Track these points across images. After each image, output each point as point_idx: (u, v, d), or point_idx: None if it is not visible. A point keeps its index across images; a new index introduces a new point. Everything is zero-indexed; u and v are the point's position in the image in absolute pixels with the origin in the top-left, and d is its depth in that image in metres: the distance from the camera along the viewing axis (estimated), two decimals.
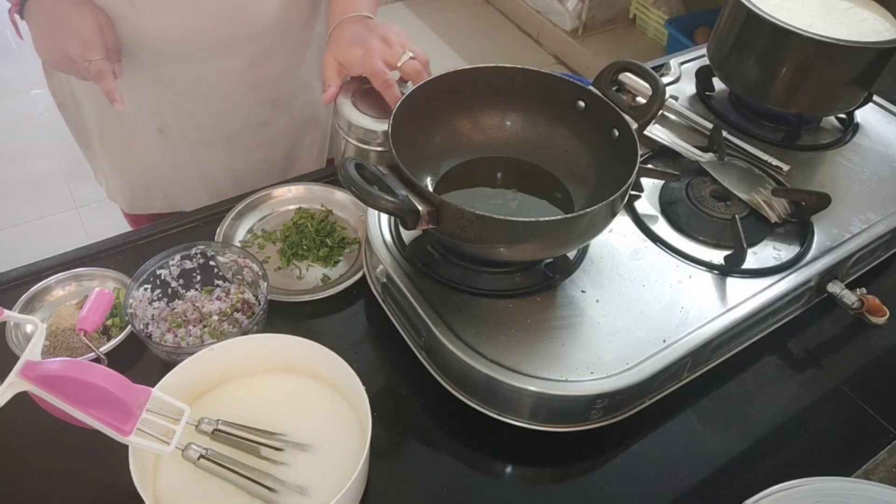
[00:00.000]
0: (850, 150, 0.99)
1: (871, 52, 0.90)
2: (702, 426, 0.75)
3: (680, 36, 2.61)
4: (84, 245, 0.87)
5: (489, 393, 0.69)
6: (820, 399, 0.78)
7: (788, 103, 0.97)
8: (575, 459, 0.73)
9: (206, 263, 0.81)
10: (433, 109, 0.79)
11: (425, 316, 0.70)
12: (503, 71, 0.80)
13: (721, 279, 0.78)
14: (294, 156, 1.13)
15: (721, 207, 0.85)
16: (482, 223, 0.64)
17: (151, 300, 0.78)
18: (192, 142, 1.03)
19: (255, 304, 0.80)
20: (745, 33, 0.96)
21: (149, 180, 1.07)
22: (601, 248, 0.79)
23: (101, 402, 0.56)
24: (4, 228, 2.21)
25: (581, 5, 2.95)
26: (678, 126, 0.99)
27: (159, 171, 1.06)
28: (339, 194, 0.94)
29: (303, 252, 0.87)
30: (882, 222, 0.86)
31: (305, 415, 0.68)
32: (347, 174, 0.62)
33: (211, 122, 1.01)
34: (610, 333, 0.71)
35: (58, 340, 0.76)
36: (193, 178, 1.07)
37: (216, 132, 1.02)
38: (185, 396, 0.65)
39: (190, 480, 0.62)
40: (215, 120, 1.01)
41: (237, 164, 1.07)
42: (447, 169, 0.82)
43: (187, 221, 0.91)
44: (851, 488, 0.65)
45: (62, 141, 2.49)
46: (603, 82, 0.78)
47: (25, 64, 2.82)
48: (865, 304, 0.82)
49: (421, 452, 0.72)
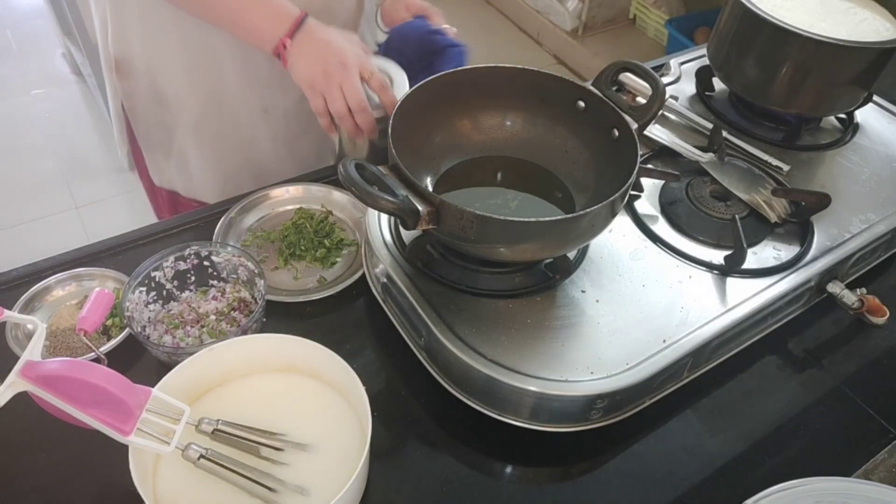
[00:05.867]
0: (850, 150, 0.99)
1: (871, 52, 0.90)
2: (702, 426, 0.75)
3: (680, 36, 2.61)
4: (84, 245, 0.87)
5: (489, 393, 0.69)
6: (820, 399, 0.78)
7: (788, 103, 0.97)
8: (575, 459, 0.73)
9: (201, 264, 0.81)
10: (433, 109, 0.79)
11: (425, 316, 0.70)
12: (503, 71, 0.80)
13: (721, 279, 0.78)
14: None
15: (721, 207, 0.85)
16: (482, 223, 0.64)
17: (147, 303, 0.78)
18: (291, 118, 1.05)
19: (252, 302, 0.80)
20: (745, 33, 0.96)
21: (240, 165, 1.09)
22: (601, 248, 0.79)
23: (101, 402, 0.56)
24: (4, 228, 2.21)
25: (581, 5, 2.95)
26: (678, 126, 0.99)
27: (257, 154, 1.08)
28: (337, 195, 0.94)
29: (300, 252, 0.87)
30: (882, 222, 0.86)
31: (305, 415, 0.68)
32: (347, 174, 0.62)
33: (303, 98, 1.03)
34: (610, 333, 0.71)
35: (58, 340, 0.76)
36: (283, 156, 1.09)
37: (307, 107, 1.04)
38: (185, 396, 0.65)
39: (190, 480, 0.62)
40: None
41: (320, 140, 1.09)
42: (447, 169, 0.82)
43: (186, 222, 0.91)
44: (851, 488, 0.65)
45: (62, 141, 2.50)
46: (603, 82, 0.78)
47: (25, 64, 2.83)
48: (865, 304, 0.82)
49: (421, 452, 0.72)
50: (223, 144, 1.07)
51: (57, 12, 2.51)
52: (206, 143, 1.07)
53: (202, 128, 1.05)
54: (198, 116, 1.03)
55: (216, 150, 1.07)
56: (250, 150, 1.08)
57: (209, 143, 1.07)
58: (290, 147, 1.10)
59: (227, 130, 1.05)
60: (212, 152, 1.08)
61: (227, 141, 1.06)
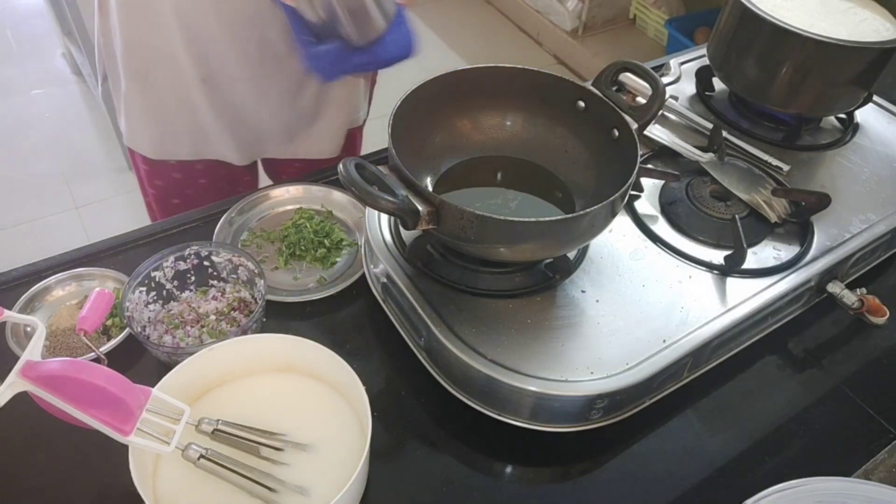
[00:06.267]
0: (850, 150, 0.99)
1: (871, 52, 0.90)
2: (702, 426, 0.75)
3: (680, 36, 2.61)
4: (84, 245, 0.87)
5: (489, 393, 0.69)
6: (820, 399, 0.78)
7: (788, 103, 0.97)
8: (575, 459, 0.73)
9: (201, 264, 0.81)
10: (433, 109, 0.79)
11: (425, 316, 0.70)
12: (503, 71, 0.80)
13: (721, 279, 0.78)
14: (319, 112, 1.13)
15: (721, 207, 0.85)
16: (482, 223, 0.64)
17: (147, 303, 0.78)
18: (232, 91, 1.03)
19: (252, 302, 0.80)
20: (745, 33, 0.96)
21: (179, 128, 1.07)
22: (601, 248, 0.79)
23: (101, 402, 0.56)
24: (4, 228, 2.21)
25: (581, 5, 2.95)
26: (678, 126, 0.99)
27: (197, 121, 1.06)
28: (337, 195, 0.94)
29: (300, 252, 0.87)
30: (882, 222, 0.86)
31: (305, 415, 0.68)
32: (348, 174, 0.62)
33: (244, 68, 1.00)
34: (610, 333, 0.71)
35: (58, 340, 0.76)
36: (222, 126, 1.07)
37: (249, 76, 1.02)
38: (185, 396, 0.65)
39: (190, 480, 0.62)
40: (247, 65, 1.00)
41: (264, 115, 1.07)
42: (447, 169, 0.82)
43: (186, 222, 0.91)
44: (851, 488, 0.65)
45: (62, 141, 2.50)
46: (603, 82, 0.78)
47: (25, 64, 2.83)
48: (865, 304, 0.82)
49: (421, 452, 0.72)
50: (164, 104, 1.05)
51: (57, 12, 2.51)
52: (148, 98, 1.05)
53: (144, 83, 1.03)
54: (143, 71, 1.02)
55: (156, 107, 1.05)
56: (190, 115, 1.05)
57: (150, 99, 1.05)
58: (230, 122, 1.06)
59: (166, 91, 1.03)
60: (152, 108, 1.06)
61: (168, 101, 1.04)
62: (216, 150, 1.09)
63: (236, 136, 1.08)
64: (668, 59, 1.13)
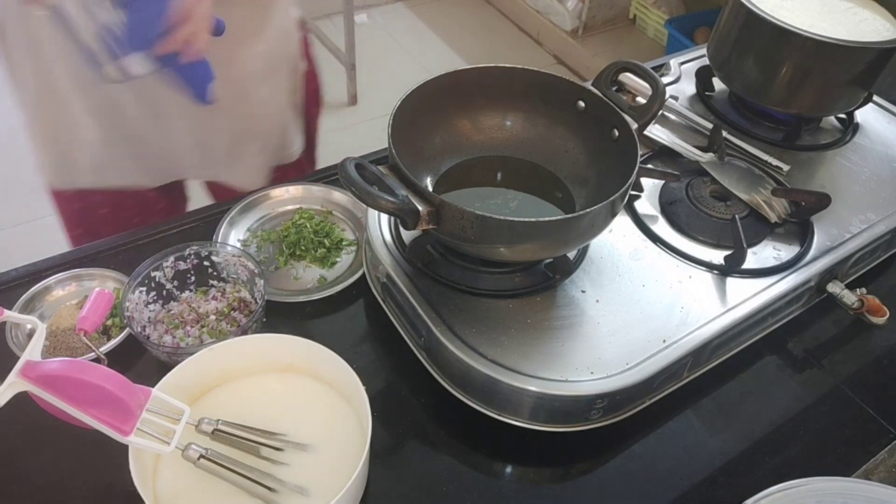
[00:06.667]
0: (850, 150, 0.99)
1: (871, 52, 0.90)
2: (702, 426, 0.75)
3: (680, 36, 2.62)
4: (84, 245, 0.87)
5: (489, 393, 0.69)
6: (820, 399, 0.78)
7: (788, 103, 0.97)
8: (575, 459, 0.73)
9: (201, 264, 0.81)
10: (433, 109, 0.79)
11: (425, 316, 0.70)
12: (503, 71, 0.80)
13: (721, 279, 0.78)
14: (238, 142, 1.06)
15: (721, 207, 0.85)
16: (482, 223, 0.64)
17: (147, 303, 0.78)
18: (121, 120, 0.98)
19: (252, 302, 0.80)
20: (745, 33, 0.96)
21: (73, 157, 1.03)
22: (601, 248, 0.79)
23: (101, 402, 0.56)
24: (4, 228, 2.21)
25: (581, 5, 2.95)
26: (678, 126, 0.99)
27: (87, 149, 1.01)
28: (337, 195, 0.94)
29: (300, 252, 0.87)
30: (882, 222, 0.86)
31: (305, 415, 0.68)
32: (347, 174, 0.62)
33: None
34: (610, 333, 0.71)
35: (58, 340, 0.76)
36: (126, 156, 1.02)
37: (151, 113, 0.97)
38: (185, 396, 0.65)
39: (190, 480, 0.62)
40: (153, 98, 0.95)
41: (175, 144, 1.02)
42: (447, 169, 0.82)
43: (186, 222, 0.91)
44: (851, 488, 0.65)
45: None
46: (603, 82, 0.78)
47: None
48: (865, 304, 0.82)
49: (421, 452, 0.72)
50: (55, 128, 1.02)
51: None
52: (39, 122, 1.03)
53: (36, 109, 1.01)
54: (34, 97, 1.00)
55: (48, 130, 1.03)
56: (81, 144, 1.01)
57: (41, 122, 1.03)
58: (133, 147, 1.01)
59: (58, 116, 1.00)
60: (44, 131, 1.04)
61: (59, 126, 1.01)
62: (119, 176, 1.03)
63: (139, 160, 1.03)
64: (668, 59, 1.13)
